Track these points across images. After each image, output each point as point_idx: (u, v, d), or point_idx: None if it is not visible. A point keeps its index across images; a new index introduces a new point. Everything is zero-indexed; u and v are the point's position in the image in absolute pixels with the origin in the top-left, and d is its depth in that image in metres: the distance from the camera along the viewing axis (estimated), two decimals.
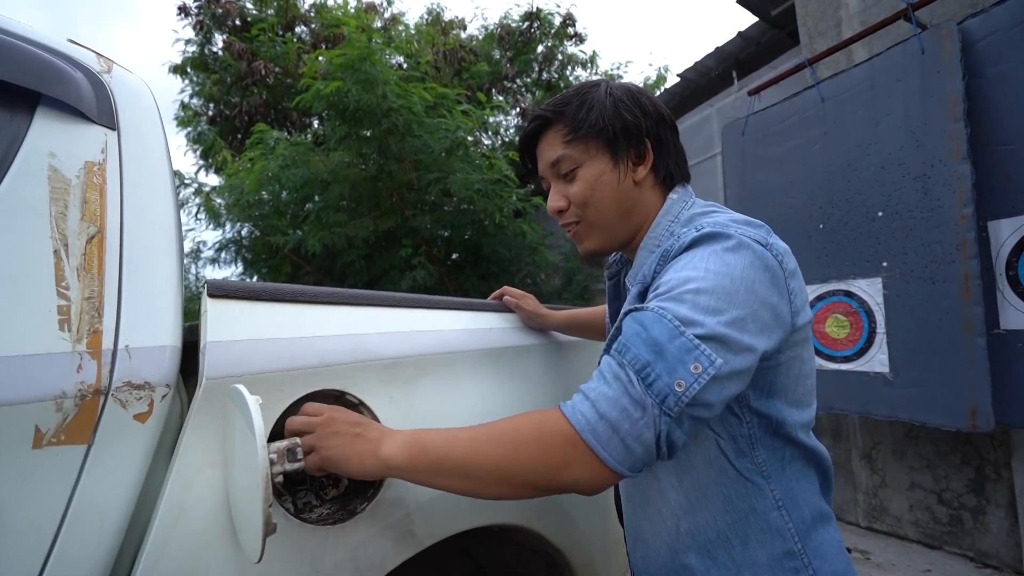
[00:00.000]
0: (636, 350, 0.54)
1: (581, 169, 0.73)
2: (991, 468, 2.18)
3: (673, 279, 0.59)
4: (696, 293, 0.56)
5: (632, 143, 0.73)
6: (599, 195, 0.73)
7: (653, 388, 0.52)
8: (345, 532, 0.72)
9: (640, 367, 0.53)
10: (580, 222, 0.75)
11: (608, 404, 0.53)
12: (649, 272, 0.65)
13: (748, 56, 4.47)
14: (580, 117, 0.72)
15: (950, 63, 1.94)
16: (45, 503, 0.53)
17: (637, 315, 0.58)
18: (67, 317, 0.57)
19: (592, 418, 0.53)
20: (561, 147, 0.74)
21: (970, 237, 1.89)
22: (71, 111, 0.66)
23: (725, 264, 0.58)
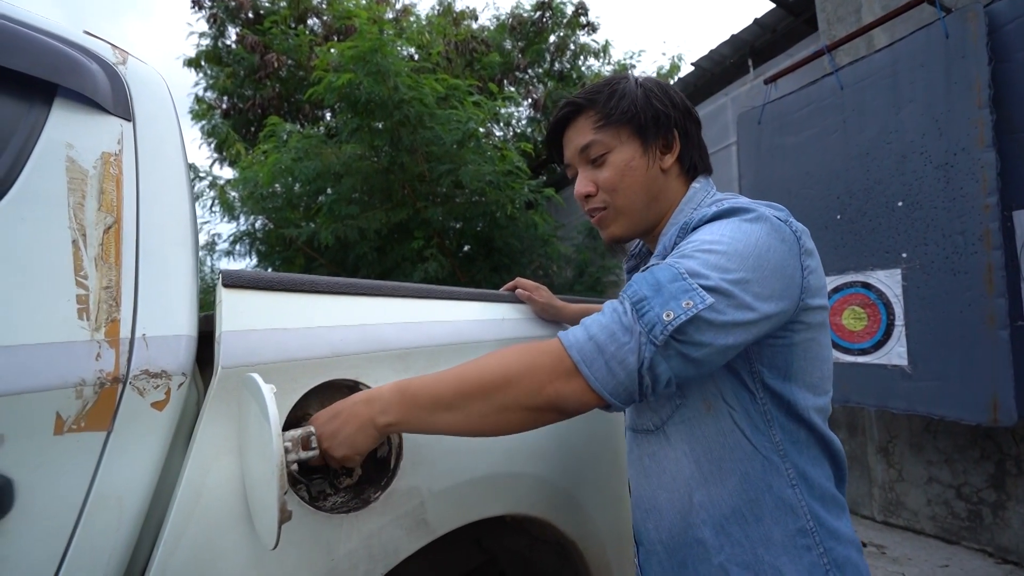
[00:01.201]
0: (637, 287, 0.58)
1: (611, 154, 0.75)
2: (1012, 463, 2.14)
3: (689, 243, 0.62)
4: (707, 252, 0.58)
5: (661, 132, 0.75)
6: (628, 181, 0.74)
7: (644, 318, 0.55)
8: (359, 520, 0.73)
9: (637, 300, 0.57)
10: (607, 208, 0.76)
11: (598, 328, 0.57)
12: (670, 244, 0.67)
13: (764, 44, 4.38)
14: (612, 104, 0.74)
15: (976, 47, 1.89)
16: (67, 488, 0.54)
17: (650, 268, 0.61)
18: (86, 306, 0.57)
19: (581, 338, 0.57)
20: (592, 132, 0.75)
21: (994, 227, 1.84)
22: (88, 102, 0.66)
23: (741, 231, 0.60)
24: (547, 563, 1.12)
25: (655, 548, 0.69)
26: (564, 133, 0.80)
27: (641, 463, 0.70)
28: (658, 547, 0.68)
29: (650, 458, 0.68)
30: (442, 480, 0.82)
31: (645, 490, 0.69)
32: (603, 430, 1.13)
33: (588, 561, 1.04)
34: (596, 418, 1.12)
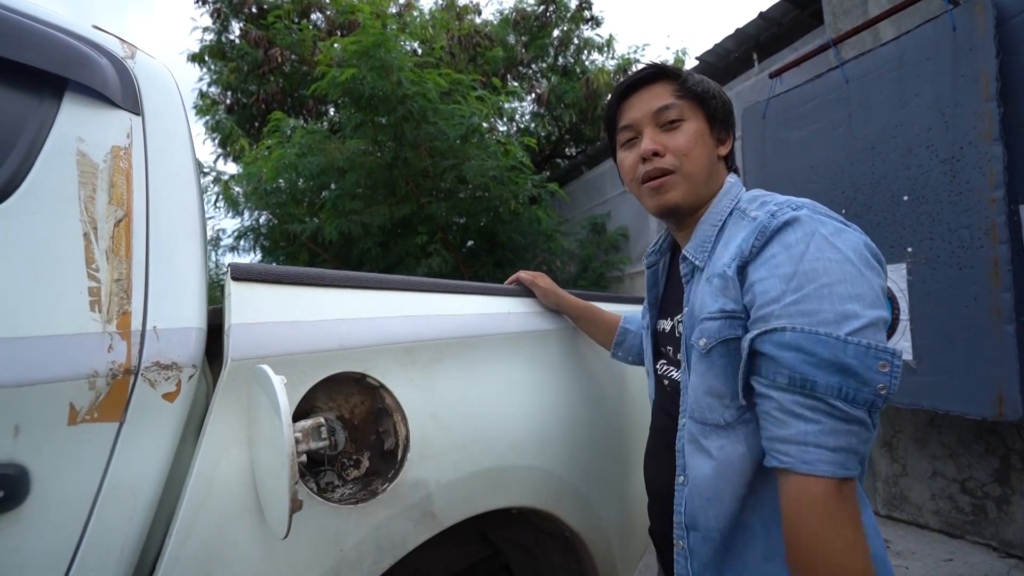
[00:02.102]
0: (819, 378, 0.56)
1: (686, 123, 0.77)
2: (1017, 457, 2.13)
3: (796, 273, 0.60)
4: (830, 287, 0.58)
5: (722, 123, 0.81)
6: (699, 150, 0.77)
7: (858, 402, 0.56)
8: (367, 511, 0.73)
9: (836, 392, 0.55)
10: (675, 172, 0.77)
11: (834, 437, 0.56)
12: (747, 247, 0.65)
13: (769, 37, 4.35)
14: (692, 82, 0.79)
15: (983, 40, 1.87)
16: (81, 478, 0.54)
17: (782, 338, 0.58)
18: (98, 298, 0.58)
19: (831, 457, 0.55)
20: (671, 97, 0.78)
21: (1000, 221, 1.83)
22: (97, 96, 0.67)
23: (837, 250, 0.60)
24: (552, 556, 1.13)
25: (712, 535, 0.69)
26: (633, 96, 0.81)
27: (706, 453, 0.69)
28: (715, 534, 0.68)
29: (718, 450, 0.68)
30: (449, 472, 0.83)
31: (707, 479, 0.69)
32: (609, 424, 1.13)
33: (593, 554, 1.05)
34: (603, 412, 1.13)
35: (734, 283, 0.66)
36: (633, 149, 0.80)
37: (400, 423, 0.80)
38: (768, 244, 0.64)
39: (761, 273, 0.63)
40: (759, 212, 0.70)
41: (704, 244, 0.76)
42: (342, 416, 0.79)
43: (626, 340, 1.10)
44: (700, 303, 0.71)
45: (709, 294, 0.69)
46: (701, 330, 0.69)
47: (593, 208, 6.16)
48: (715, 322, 0.67)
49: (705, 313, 0.69)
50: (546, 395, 1.03)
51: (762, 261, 0.64)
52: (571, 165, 7.29)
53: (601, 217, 5.88)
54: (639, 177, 0.79)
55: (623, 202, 5.68)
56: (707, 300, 0.69)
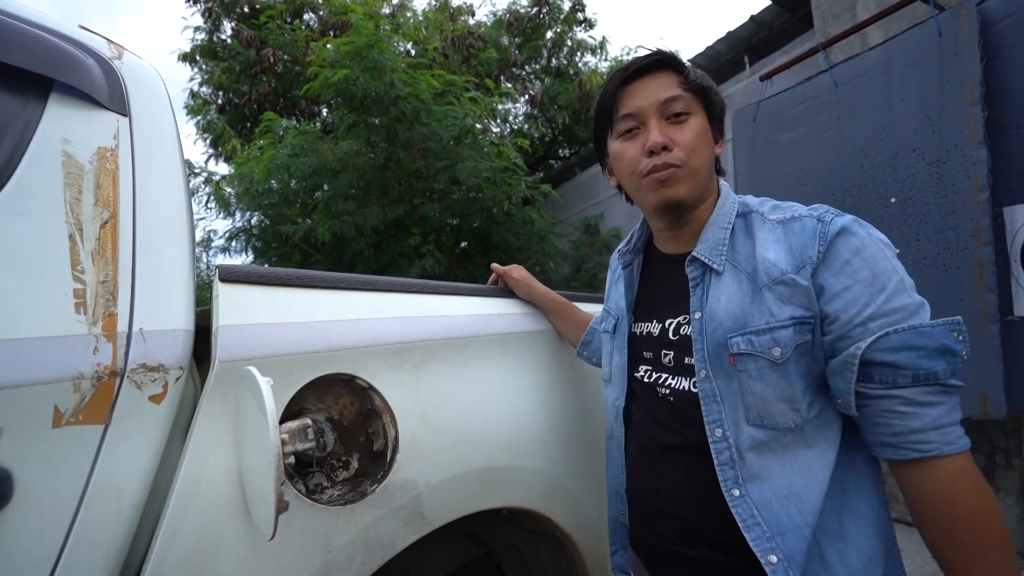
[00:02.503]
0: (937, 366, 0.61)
1: (692, 117, 0.76)
2: (1002, 455, 2.16)
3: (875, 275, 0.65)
4: (901, 282, 0.65)
5: (718, 123, 0.80)
6: (703, 147, 0.76)
7: (959, 374, 0.62)
8: (356, 512, 0.73)
9: (950, 372, 0.61)
10: (682, 166, 0.74)
11: (955, 412, 0.63)
12: (813, 253, 0.68)
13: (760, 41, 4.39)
14: (695, 76, 0.76)
15: (968, 45, 1.90)
16: (65, 480, 0.54)
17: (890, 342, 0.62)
18: (83, 300, 0.58)
19: (960, 432, 0.62)
20: (678, 88, 0.75)
21: (985, 223, 1.86)
22: (83, 97, 0.66)
23: (890, 248, 0.67)
24: (543, 556, 1.13)
25: (803, 532, 0.66)
26: (636, 83, 0.77)
27: (774, 454, 0.68)
28: (805, 530, 0.66)
29: (784, 448, 0.68)
30: (438, 473, 0.83)
31: (779, 477, 0.68)
32: (598, 424, 1.14)
33: (583, 554, 1.05)
34: (591, 412, 1.13)
35: (806, 290, 0.66)
36: (634, 140, 0.77)
37: (389, 424, 0.80)
38: (832, 249, 0.67)
39: (844, 280, 0.65)
40: (782, 216, 0.73)
41: (719, 247, 0.74)
42: (331, 417, 0.79)
43: (593, 341, 1.08)
44: (738, 309, 0.70)
45: (774, 302, 0.68)
46: (774, 339, 0.67)
47: (586, 209, 6.18)
48: (788, 330, 0.66)
49: (773, 322, 0.67)
50: (536, 395, 1.03)
51: (838, 268, 0.66)
52: (564, 166, 7.31)
53: (594, 218, 5.90)
54: (642, 170, 0.75)
55: (616, 203, 5.71)
56: (773, 308, 0.67)
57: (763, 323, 0.68)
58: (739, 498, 0.69)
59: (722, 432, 0.70)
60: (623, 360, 0.87)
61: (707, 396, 0.72)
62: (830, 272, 0.66)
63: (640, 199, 0.80)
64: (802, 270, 0.67)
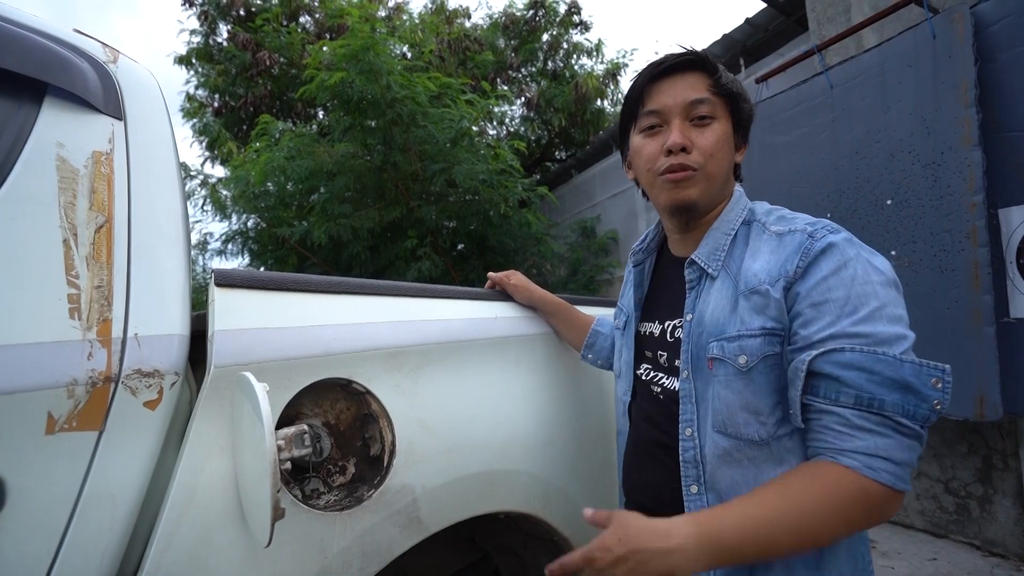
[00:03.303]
0: (886, 396, 0.58)
1: (716, 122, 0.75)
2: (998, 457, 2.17)
3: (850, 296, 0.62)
4: (881, 310, 0.61)
5: (744, 129, 0.80)
6: (723, 153, 0.76)
7: (918, 418, 0.58)
8: (352, 518, 0.73)
9: (900, 410, 0.58)
10: (699, 170, 0.74)
11: (900, 451, 0.58)
12: (791, 268, 0.66)
13: (755, 43, 4.41)
14: (726, 80, 0.76)
15: (962, 48, 1.91)
16: (59, 487, 0.54)
17: (842, 358, 0.60)
18: (77, 306, 0.57)
19: (896, 471, 0.58)
20: (706, 92, 0.75)
21: (980, 225, 1.87)
22: (78, 101, 0.66)
23: (880, 273, 0.64)
24: (541, 560, 1.13)
25: None
26: (664, 80, 0.76)
27: (739, 466, 0.69)
28: None
29: (749, 461, 0.68)
30: (435, 478, 0.83)
31: (740, 489, 0.68)
32: (595, 427, 1.14)
33: None
34: (588, 416, 1.13)
35: (778, 303, 0.65)
36: (655, 137, 0.77)
37: (386, 429, 0.80)
38: (813, 265, 0.65)
39: (815, 297, 0.64)
40: (783, 228, 0.71)
41: (717, 252, 0.75)
42: (328, 422, 0.78)
43: (597, 343, 1.08)
44: (721, 315, 0.70)
45: (747, 311, 0.68)
46: (741, 347, 0.67)
47: (582, 212, 6.19)
48: (756, 339, 0.66)
49: (743, 330, 0.67)
50: (532, 399, 1.03)
51: (813, 284, 0.64)
52: (561, 169, 7.32)
53: (590, 220, 5.91)
54: (659, 168, 0.75)
55: (612, 206, 5.71)
56: (745, 317, 0.68)
57: (735, 330, 0.68)
58: (695, 495, 0.71)
59: (691, 432, 0.72)
60: (629, 359, 0.88)
61: (685, 396, 0.74)
62: (805, 288, 0.65)
63: (654, 196, 0.80)
64: (777, 283, 0.66)
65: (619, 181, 5.60)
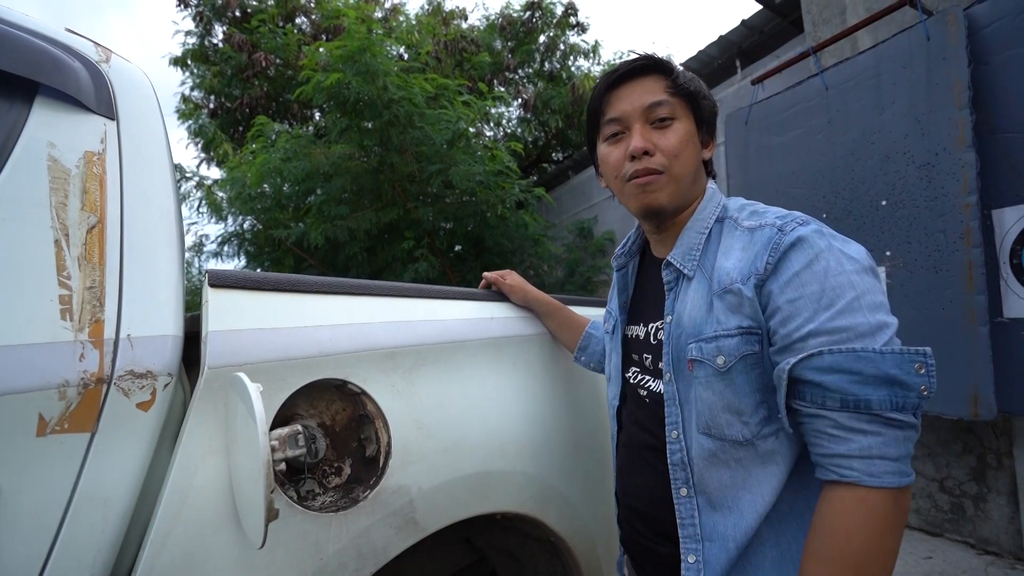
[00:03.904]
0: (871, 395, 0.57)
1: (677, 122, 0.75)
2: (992, 456, 2.18)
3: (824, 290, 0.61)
4: (859, 300, 0.60)
5: (709, 126, 0.80)
6: (687, 152, 0.75)
7: (908, 408, 0.57)
8: (348, 519, 0.73)
9: (888, 404, 0.57)
10: (663, 173, 0.74)
11: (895, 446, 0.58)
12: (761, 265, 0.65)
13: (752, 45, 4.43)
14: (683, 79, 0.76)
15: (956, 50, 1.92)
16: (50, 490, 0.53)
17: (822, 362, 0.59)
18: (69, 307, 0.57)
19: (895, 467, 0.58)
20: (663, 93, 0.75)
21: (974, 226, 1.88)
22: (70, 101, 0.66)
23: (855, 261, 0.63)
24: (538, 561, 1.13)
25: (728, 545, 0.67)
26: (622, 87, 0.77)
27: (725, 466, 0.69)
28: (731, 544, 0.67)
29: (736, 462, 0.68)
30: (431, 478, 0.82)
31: (727, 492, 0.68)
32: (591, 428, 1.14)
33: (578, 558, 1.05)
34: (584, 416, 1.13)
35: (751, 302, 0.65)
36: (619, 144, 0.77)
37: (382, 429, 0.79)
38: (784, 261, 0.64)
39: (789, 294, 0.63)
40: (754, 223, 0.70)
41: (692, 252, 0.74)
42: (323, 423, 0.78)
43: (590, 345, 1.08)
44: (698, 316, 0.70)
45: (722, 311, 0.67)
46: (719, 347, 0.66)
47: (580, 213, 6.20)
48: (732, 339, 0.66)
49: (720, 330, 0.67)
50: (529, 399, 1.03)
51: (785, 280, 0.63)
52: (558, 170, 7.33)
53: (587, 222, 5.91)
54: (624, 175, 0.76)
55: (609, 207, 5.72)
56: (720, 316, 0.67)
57: (711, 331, 0.68)
58: (685, 498, 0.71)
59: (677, 434, 0.72)
60: (617, 363, 0.88)
61: (669, 399, 0.73)
62: (777, 285, 0.64)
63: (624, 203, 0.81)
64: (748, 280, 0.66)
65: None
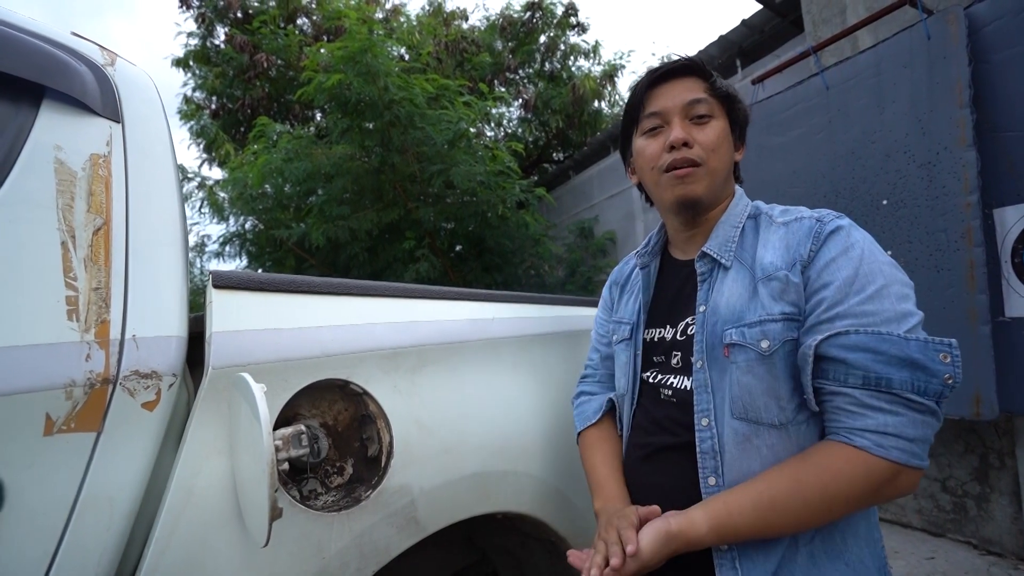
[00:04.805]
0: (893, 375, 0.60)
1: (714, 120, 0.79)
2: (995, 456, 2.18)
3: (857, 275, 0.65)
4: (887, 288, 0.64)
5: (741, 130, 0.85)
6: (723, 149, 0.80)
7: (930, 394, 0.59)
8: (350, 519, 0.73)
9: (910, 386, 0.59)
10: (701, 165, 0.77)
11: (912, 428, 0.60)
12: (804, 251, 0.69)
13: (752, 44, 4.42)
14: (720, 84, 0.81)
15: (956, 49, 1.92)
16: (56, 489, 0.54)
17: (847, 340, 0.62)
18: (75, 307, 0.58)
19: (908, 447, 0.60)
20: (703, 92, 0.79)
21: (975, 225, 1.88)
22: (76, 104, 0.66)
23: (884, 254, 0.68)
24: (539, 561, 1.13)
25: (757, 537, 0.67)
26: (663, 86, 0.81)
27: (757, 451, 0.69)
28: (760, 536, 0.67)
29: (769, 448, 0.68)
30: (433, 478, 0.83)
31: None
32: None
33: None
34: None
35: (796, 287, 0.68)
36: (657, 137, 0.80)
37: (384, 429, 0.80)
38: (823, 247, 0.69)
39: (825, 277, 0.66)
40: (789, 218, 0.75)
41: (728, 244, 0.77)
42: (325, 423, 0.79)
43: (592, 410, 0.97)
44: (738, 303, 0.71)
45: (767, 296, 0.69)
46: (763, 332, 0.68)
47: (580, 213, 6.20)
48: (777, 324, 0.68)
49: (765, 315, 0.69)
50: (530, 399, 1.03)
51: (823, 265, 0.67)
52: (558, 170, 7.33)
53: (588, 222, 5.92)
54: (662, 165, 0.78)
55: (610, 207, 5.72)
56: (765, 302, 0.69)
57: (756, 316, 0.69)
58: (714, 487, 0.71)
59: (708, 421, 0.72)
60: (632, 369, 0.87)
61: (700, 386, 0.74)
62: (815, 269, 0.68)
63: (659, 194, 0.82)
64: (794, 267, 0.69)
65: (617, 182, 5.61)
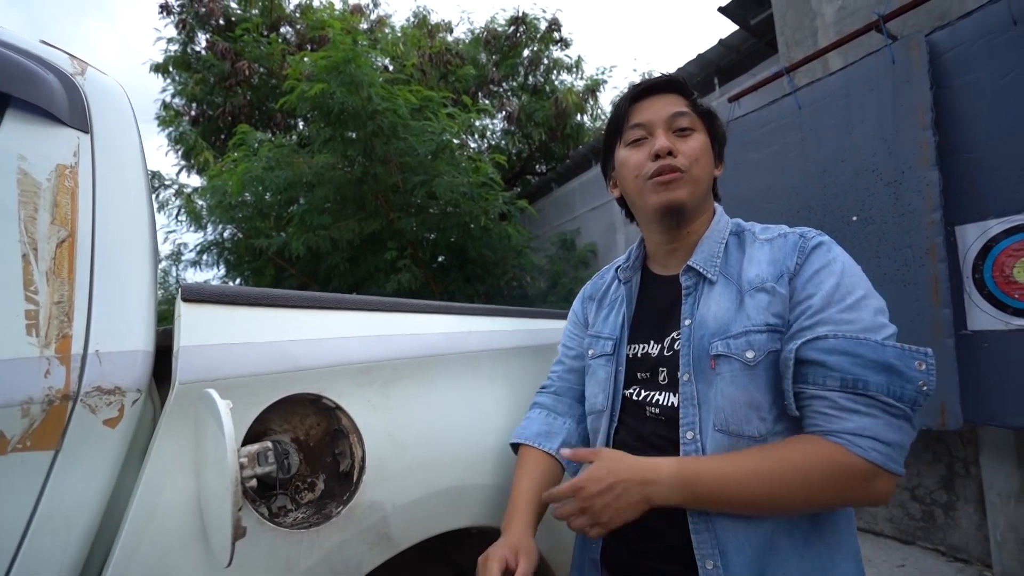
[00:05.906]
0: (870, 378, 0.62)
1: (696, 133, 0.83)
2: (960, 465, 2.24)
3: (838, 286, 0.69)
4: (865, 300, 0.67)
5: (719, 147, 0.88)
6: (705, 160, 0.83)
7: (905, 399, 0.61)
8: (320, 536, 0.72)
9: (885, 390, 0.61)
10: (685, 172, 0.80)
11: (889, 431, 0.62)
12: (791, 264, 0.73)
13: (729, 63, 4.54)
14: (699, 102, 0.86)
15: (919, 73, 2.00)
16: (9, 508, 0.52)
17: (826, 344, 0.65)
18: (35, 322, 0.56)
19: (885, 450, 0.61)
20: (685, 106, 0.83)
21: (939, 241, 1.94)
22: (42, 113, 0.65)
23: (860, 269, 0.72)
24: None
25: (744, 548, 0.68)
26: (646, 100, 0.85)
27: None
28: (747, 548, 0.67)
29: None
30: (405, 494, 0.82)
31: None
32: None
33: (554, 570, 1.05)
34: None
35: (783, 298, 0.71)
36: (641, 147, 0.83)
37: (356, 444, 0.79)
38: (807, 261, 0.72)
39: (810, 288, 0.70)
40: (772, 234, 0.79)
41: (713, 259, 0.80)
42: (297, 438, 0.78)
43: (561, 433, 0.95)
44: (725, 315, 0.73)
45: (753, 308, 0.72)
46: (748, 342, 0.70)
47: (562, 225, 6.25)
48: (762, 335, 0.70)
49: (750, 326, 0.71)
50: (506, 413, 1.03)
51: (808, 276, 0.71)
52: (541, 182, 7.38)
53: (570, 234, 5.96)
54: (647, 173, 0.81)
55: (592, 219, 5.78)
56: (751, 313, 0.72)
57: (741, 327, 0.71)
58: None
59: (693, 435, 0.73)
60: (613, 386, 0.86)
61: (686, 400, 0.75)
62: (801, 281, 0.71)
63: (642, 202, 0.84)
64: (781, 279, 0.72)
65: (599, 194, 5.67)
